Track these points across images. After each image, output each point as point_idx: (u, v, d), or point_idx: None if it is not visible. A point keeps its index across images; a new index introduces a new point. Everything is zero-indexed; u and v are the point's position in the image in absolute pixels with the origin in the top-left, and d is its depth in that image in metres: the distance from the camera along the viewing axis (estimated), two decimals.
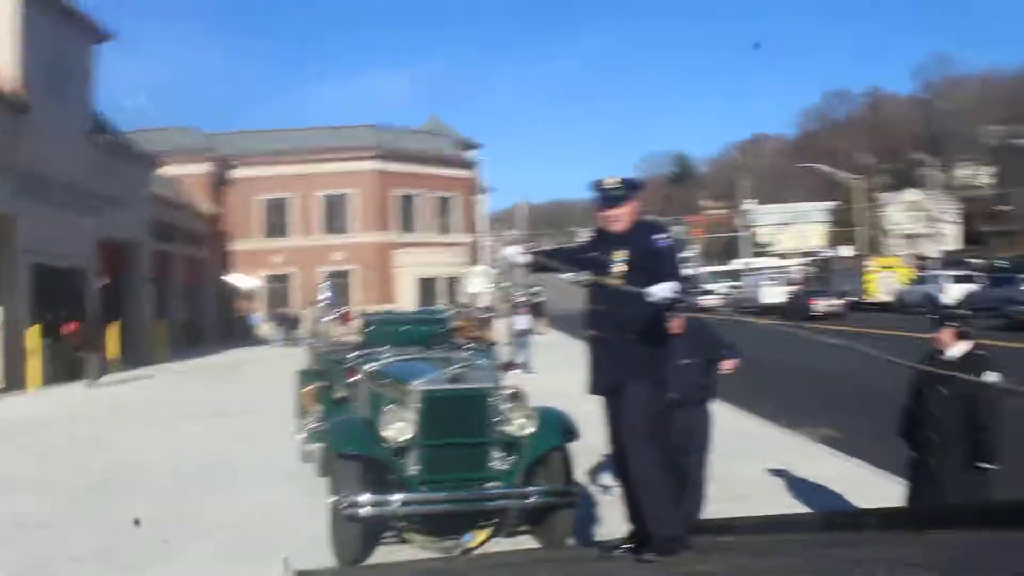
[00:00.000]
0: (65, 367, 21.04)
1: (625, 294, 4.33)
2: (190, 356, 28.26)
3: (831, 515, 4.55)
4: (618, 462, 4.61)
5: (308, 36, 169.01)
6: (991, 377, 4.87)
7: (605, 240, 4.68)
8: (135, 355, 25.41)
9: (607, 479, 6.57)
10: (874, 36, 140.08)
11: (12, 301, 20.19)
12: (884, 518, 4.02)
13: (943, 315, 5.42)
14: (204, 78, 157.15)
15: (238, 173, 42.94)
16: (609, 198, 4.56)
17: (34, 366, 19.56)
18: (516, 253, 4.91)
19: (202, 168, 40.74)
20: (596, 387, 4.64)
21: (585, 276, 4.66)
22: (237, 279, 42.25)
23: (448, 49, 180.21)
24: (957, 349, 5.12)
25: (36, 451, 11.03)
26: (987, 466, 4.94)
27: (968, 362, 5.02)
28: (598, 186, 4.60)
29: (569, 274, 4.93)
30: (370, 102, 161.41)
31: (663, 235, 4.52)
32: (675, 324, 5.51)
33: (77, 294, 23.50)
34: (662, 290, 4.19)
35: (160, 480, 8.90)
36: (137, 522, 4.77)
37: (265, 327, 39.28)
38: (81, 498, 8.17)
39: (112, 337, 23.74)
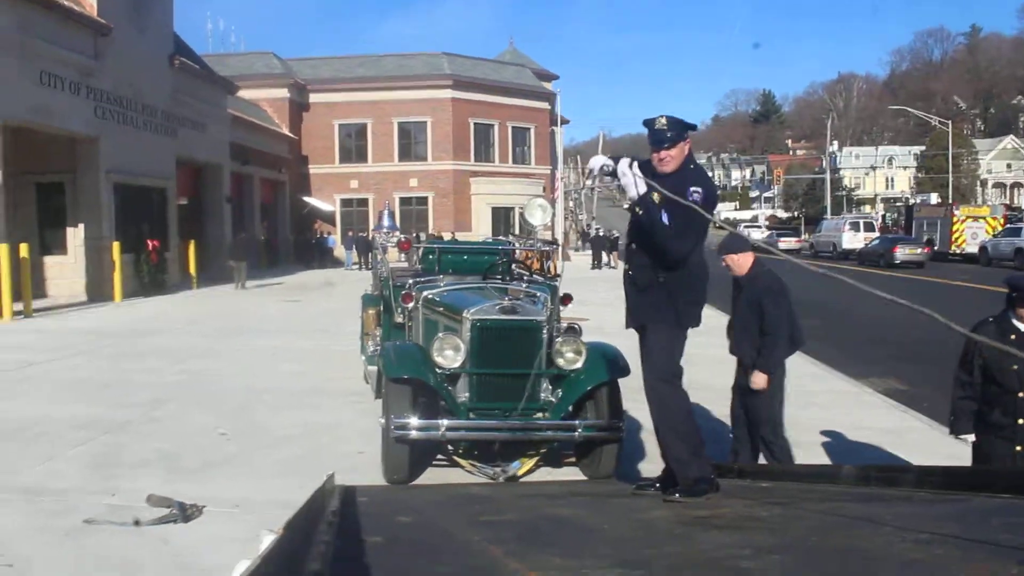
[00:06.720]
0: (146, 281, 21.94)
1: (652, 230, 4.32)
2: (268, 276, 28.96)
3: (868, 468, 4.50)
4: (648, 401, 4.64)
5: None
6: None
7: (654, 180, 4.62)
8: (214, 272, 26.20)
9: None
10: None
11: (97, 218, 21.02)
12: (919, 476, 3.95)
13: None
14: (278, 4, 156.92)
15: (314, 98, 43.37)
16: (658, 138, 4.46)
17: (117, 280, 20.33)
18: (601, 160, 4.70)
19: (279, 93, 41.35)
20: (629, 323, 4.70)
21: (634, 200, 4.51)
22: (315, 202, 42.93)
23: None
24: None
25: (116, 358, 11.54)
26: None
27: None
28: (649, 125, 4.51)
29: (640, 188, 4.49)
30: (445, 31, 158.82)
31: (698, 188, 4.38)
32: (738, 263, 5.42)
33: (159, 212, 24.27)
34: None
35: (229, 392, 9.24)
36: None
37: (340, 249, 39.94)
38: (153, 405, 8.53)
39: (191, 254, 24.59)
